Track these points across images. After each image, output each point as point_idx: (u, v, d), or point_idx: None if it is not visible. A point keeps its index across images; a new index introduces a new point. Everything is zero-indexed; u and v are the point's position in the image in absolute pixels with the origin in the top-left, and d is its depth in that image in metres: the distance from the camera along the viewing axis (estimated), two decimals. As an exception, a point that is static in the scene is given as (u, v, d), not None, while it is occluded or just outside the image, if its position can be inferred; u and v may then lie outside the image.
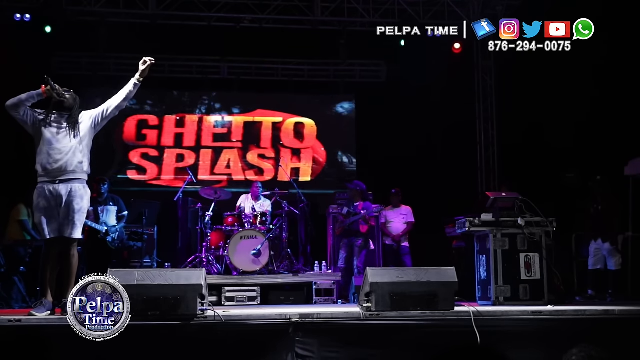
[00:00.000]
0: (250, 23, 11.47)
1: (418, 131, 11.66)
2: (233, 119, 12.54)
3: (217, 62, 12.48)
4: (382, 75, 12.64)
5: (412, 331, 5.30)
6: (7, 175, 10.06)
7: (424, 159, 11.57)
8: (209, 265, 9.21)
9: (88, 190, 5.83)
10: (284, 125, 12.62)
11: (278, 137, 12.53)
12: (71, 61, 11.82)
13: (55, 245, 5.70)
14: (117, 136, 11.93)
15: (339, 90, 12.83)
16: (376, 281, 5.50)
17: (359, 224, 9.28)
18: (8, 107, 5.63)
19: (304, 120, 12.68)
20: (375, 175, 11.72)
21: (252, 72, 12.58)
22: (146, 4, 10.94)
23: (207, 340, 5.08)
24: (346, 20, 11.57)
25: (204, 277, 5.31)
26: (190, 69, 12.43)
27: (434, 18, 11.52)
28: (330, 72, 12.73)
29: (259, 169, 12.39)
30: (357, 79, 12.68)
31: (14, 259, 9.04)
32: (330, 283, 9.13)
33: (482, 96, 12.19)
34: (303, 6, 11.31)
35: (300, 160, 12.55)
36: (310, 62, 12.64)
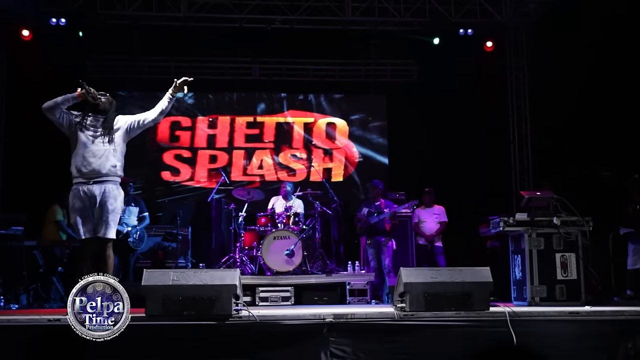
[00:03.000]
0: (281, 24, 11.49)
1: (450, 130, 11.57)
2: (265, 120, 12.59)
3: (248, 64, 12.53)
4: (414, 74, 12.57)
5: (447, 331, 5.26)
6: (42, 176, 10.23)
7: (456, 158, 11.47)
8: (242, 266, 9.25)
9: (121, 191, 5.91)
10: (316, 125, 12.63)
11: (310, 137, 12.54)
12: (106, 64, 11.96)
13: (91, 245, 5.78)
14: (151, 138, 12.05)
15: (370, 90, 12.79)
16: (410, 281, 5.47)
17: (384, 223, 9.26)
18: (44, 110, 5.73)
19: (335, 121, 12.67)
20: (407, 175, 11.69)
21: (284, 73, 12.61)
22: (178, 7, 11.04)
23: (241, 340, 5.11)
24: (377, 20, 11.53)
25: (238, 277, 5.34)
26: (221, 71, 12.50)
27: (465, 17, 11.43)
28: (361, 72, 12.70)
29: (291, 169, 12.41)
30: (388, 79, 12.62)
31: (52, 259, 9.19)
32: (364, 283, 9.11)
33: (515, 95, 12.05)
34: (334, 6, 11.30)
35: (332, 161, 12.55)
36: (341, 63, 12.62)
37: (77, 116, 5.80)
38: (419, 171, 11.48)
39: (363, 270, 9.51)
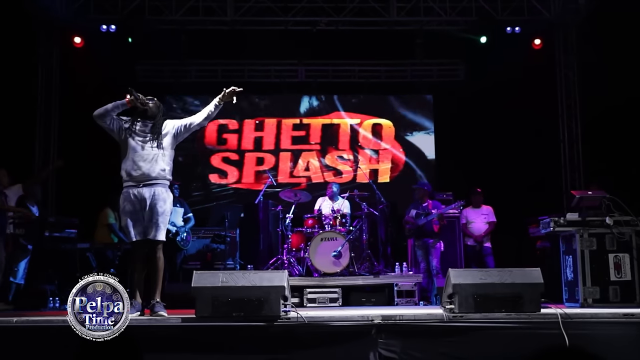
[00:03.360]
0: (326, 26, 11.51)
1: (498, 129, 11.44)
2: (311, 122, 12.63)
3: (294, 66, 12.58)
4: (460, 73, 12.45)
5: (497, 333, 5.20)
6: (94, 181, 10.44)
7: (504, 157, 11.33)
8: (290, 267, 9.30)
9: (170, 194, 5.99)
10: (362, 126, 12.62)
11: (356, 138, 12.53)
12: (154, 69, 12.15)
13: (141, 247, 5.88)
14: (199, 141, 12.20)
15: (416, 90, 12.73)
16: (459, 282, 5.42)
17: (432, 224, 9.20)
18: (95, 117, 5.85)
19: (381, 121, 12.64)
20: (454, 175, 11.59)
21: (329, 74, 12.63)
22: (224, 11, 11.15)
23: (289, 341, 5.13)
24: (422, 20, 11.46)
25: (287, 278, 5.36)
26: (268, 73, 12.58)
27: (512, 14, 11.28)
28: (407, 72, 12.63)
29: (338, 170, 12.42)
30: (435, 79, 12.53)
31: (104, 261, 9.38)
32: (412, 284, 9.06)
33: (564, 92, 11.84)
34: (379, 7, 11.26)
35: (378, 162, 12.52)
36: (386, 63, 12.58)
37: (127, 122, 5.91)
38: (466, 171, 11.36)
39: (411, 271, 9.46)
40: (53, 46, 11.42)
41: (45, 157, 11.26)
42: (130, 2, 10.93)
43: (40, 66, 11.30)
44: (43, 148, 11.27)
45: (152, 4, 11.04)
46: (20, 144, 10.76)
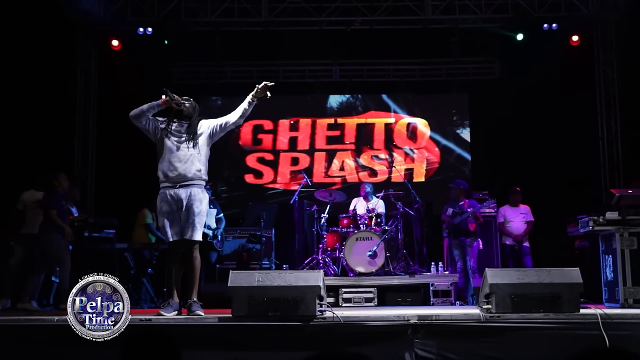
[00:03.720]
0: (361, 25, 11.50)
1: (534, 127, 11.31)
2: (346, 122, 12.62)
3: (328, 66, 12.60)
4: (496, 71, 12.33)
5: (535, 334, 5.14)
6: (132, 181, 10.57)
7: (541, 156, 11.19)
8: (325, 267, 9.31)
9: (206, 194, 6.04)
10: (397, 125, 12.57)
11: (391, 138, 12.49)
12: (190, 70, 12.28)
13: (178, 247, 5.93)
14: (234, 141, 12.28)
15: (451, 88, 12.64)
16: (496, 282, 5.37)
17: (468, 223, 9.13)
18: (131, 118, 5.92)
19: (416, 121, 12.58)
20: (490, 174, 11.50)
21: (364, 74, 12.62)
22: (259, 12, 11.20)
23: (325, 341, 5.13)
24: (457, 18, 11.38)
25: (322, 278, 5.37)
26: (302, 74, 12.62)
27: (549, 11, 11.13)
28: (442, 70, 12.55)
29: (373, 170, 12.40)
30: (470, 77, 12.43)
31: (142, 261, 9.51)
32: (448, 284, 9.01)
33: (603, 90, 11.64)
34: (413, 6, 11.21)
35: (413, 161, 12.46)
36: (421, 62, 12.52)
37: (162, 122, 5.96)
38: (502, 170, 11.26)
39: (447, 271, 9.41)
40: (91, 49, 11.62)
41: (84, 157, 11.44)
42: (166, 4, 11.05)
43: (79, 69, 11.50)
44: (82, 149, 11.46)
45: (188, 6, 11.15)
46: (60, 146, 10.95)
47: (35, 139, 10.04)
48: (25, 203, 8.43)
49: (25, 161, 9.28)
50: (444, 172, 12.29)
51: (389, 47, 12.00)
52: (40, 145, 10.05)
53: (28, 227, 8.34)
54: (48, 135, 10.37)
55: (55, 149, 10.64)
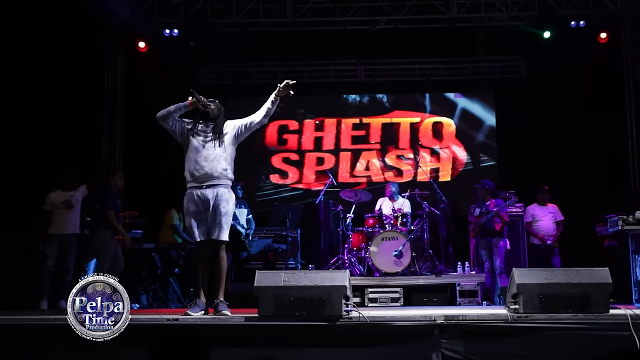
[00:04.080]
0: (386, 24, 11.47)
1: (562, 126, 11.18)
2: (371, 121, 12.60)
3: (353, 65, 12.60)
4: (522, 70, 12.23)
5: (563, 334, 5.08)
6: (160, 182, 10.65)
7: (568, 154, 11.07)
8: (351, 267, 9.31)
9: (233, 194, 6.06)
10: (422, 125, 12.52)
11: (416, 137, 12.44)
12: (215, 71, 12.34)
13: (205, 247, 5.97)
14: (260, 142, 12.32)
15: (477, 87, 12.56)
16: (523, 282, 5.32)
17: (494, 222, 9.07)
18: (158, 118, 5.97)
19: (442, 120, 12.52)
20: (517, 173, 11.40)
21: (389, 73, 12.58)
22: (284, 12, 11.22)
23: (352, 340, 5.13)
24: (483, 16, 11.31)
25: (348, 278, 5.36)
26: (327, 74, 12.62)
27: (577, 8, 11.01)
28: (468, 69, 12.48)
29: (398, 169, 12.37)
30: (496, 75, 12.34)
31: (169, 261, 9.57)
32: (474, 284, 8.95)
33: (632, 88, 11.48)
34: (438, 4, 11.16)
35: (439, 160, 12.40)
36: (446, 61, 12.47)
37: (189, 123, 6.01)
38: (529, 169, 11.16)
39: (473, 271, 9.36)
40: (119, 51, 11.73)
41: (111, 158, 11.55)
42: (192, 6, 11.12)
43: (107, 70, 11.61)
44: (109, 150, 11.57)
45: (214, 8, 11.21)
46: (88, 147, 11.06)
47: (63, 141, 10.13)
48: (52, 203, 8.48)
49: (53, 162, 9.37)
50: (470, 171, 12.22)
51: (414, 46, 11.96)
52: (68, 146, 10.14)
53: (57, 228, 8.42)
54: (75, 136, 10.47)
55: (83, 150, 10.74)
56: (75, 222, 8.52)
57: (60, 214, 8.43)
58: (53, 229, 8.41)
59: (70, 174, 8.65)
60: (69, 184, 8.58)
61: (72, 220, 8.50)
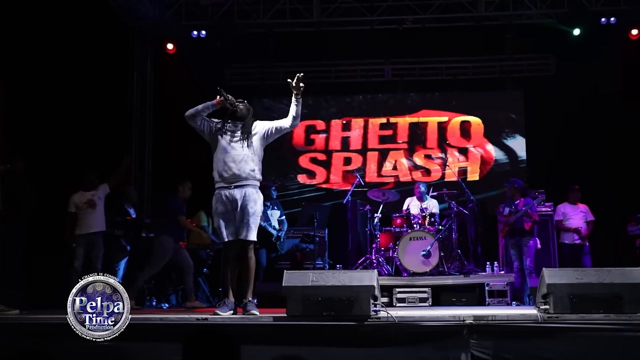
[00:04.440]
0: (413, 24, 11.44)
1: (592, 125, 11.04)
2: (398, 121, 12.56)
3: (380, 65, 12.57)
4: (551, 68, 12.10)
5: (595, 335, 5.01)
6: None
7: (598, 153, 10.94)
8: (379, 267, 9.29)
9: (261, 194, 6.07)
10: (450, 124, 12.45)
11: (444, 136, 12.38)
12: (242, 72, 12.40)
13: (233, 247, 5.99)
14: (287, 142, 12.34)
15: (505, 86, 12.46)
16: (554, 282, 5.26)
17: (523, 222, 8.99)
18: (187, 117, 6.01)
19: (470, 119, 12.44)
20: (546, 172, 11.29)
21: (416, 72, 12.53)
22: (311, 13, 11.24)
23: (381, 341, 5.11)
24: (512, 14, 11.21)
25: (376, 278, 5.35)
26: (354, 73, 12.61)
27: (607, 4, 10.86)
28: (496, 67, 12.38)
29: (426, 169, 12.31)
30: (525, 74, 12.23)
31: (198, 261, 9.63)
32: (504, 284, 8.88)
33: (666, 84, 11.30)
34: (466, 3, 11.09)
35: (467, 160, 12.32)
36: (474, 59, 12.39)
37: (217, 123, 6.04)
38: (558, 168, 11.03)
39: (502, 270, 9.29)
40: (147, 52, 11.86)
41: (141, 160, 11.67)
42: (219, 7, 11.19)
43: (136, 72, 11.74)
44: (139, 150, 11.69)
45: (241, 9, 11.27)
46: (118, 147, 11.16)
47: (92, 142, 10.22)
48: (76, 205, 8.53)
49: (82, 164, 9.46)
50: (498, 170, 12.12)
51: (441, 45, 11.89)
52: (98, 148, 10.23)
53: (83, 228, 8.48)
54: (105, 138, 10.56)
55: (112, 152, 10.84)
56: (100, 221, 8.59)
57: (84, 214, 8.50)
58: (79, 229, 8.48)
59: (89, 173, 8.72)
60: (89, 183, 8.65)
61: (97, 219, 8.57)
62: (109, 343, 4.66)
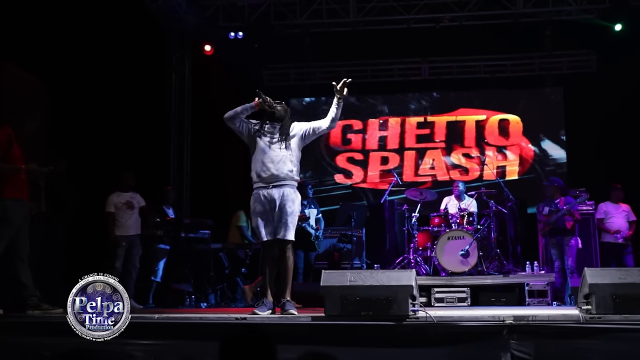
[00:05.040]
0: (450, 21, 11.35)
1: (634, 122, 10.84)
2: (435, 119, 12.49)
3: (417, 64, 12.53)
4: (592, 64, 11.93)
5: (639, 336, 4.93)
6: (227, 183, 10.81)
7: (639, 151, 10.75)
8: (417, 266, 9.25)
9: (299, 194, 6.08)
10: (488, 122, 12.34)
11: (482, 135, 12.28)
12: (279, 73, 12.47)
13: (271, 247, 6.01)
14: (324, 142, 12.37)
15: (545, 83, 12.31)
16: (596, 282, 5.17)
17: (565, 221, 8.86)
18: (226, 119, 6.05)
19: (508, 117, 12.31)
20: (587, 171, 11.10)
21: (453, 70, 12.46)
22: (347, 12, 11.22)
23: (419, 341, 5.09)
24: (551, 10, 11.05)
25: (414, 278, 5.32)
26: (391, 72, 12.59)
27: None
28: (535, 65, 12.25)
29: (464, 168, 12.22)
30: (565, 71, 12.07)
31: (236, 261, 9.71)
32: (544, 284, 8.75)
33: None
34: (504, 0, 10.98)
35: (506, 158, 12.20)
36: (512, 57, 12.27)
37: (256, 125, 6.07)
38: (600, 166, 10.85)
39: (542, 270, 9.16)
40: (185, 54, 11.98)
41: (179, 161, 11.80)
42: (256, 8, 11.25)
43: (174, 74, 11.87)
44: (177, 153, 11.82)
45: (277, 10, 11.31)
46: (156, 150, 11.31)
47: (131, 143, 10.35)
48: (115, 205, 8.58)
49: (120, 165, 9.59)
50: (538, 168, 11.99)
51: (479, 43, 11.81)
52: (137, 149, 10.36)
53: (122, 229, 8.53)
54: (144, 139, 10.70)
55: (152, 153, 10.99)
56: (137, 224, 8.65)
57: (123, 215, 8.56)
58: (118, 230, 8.54)
59: (126, 174, 8.77)
60: (126, 184, 8.72)
61: (135, 221, 8.64)
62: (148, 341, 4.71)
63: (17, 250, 6.04)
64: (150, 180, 9.72)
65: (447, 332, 5.06)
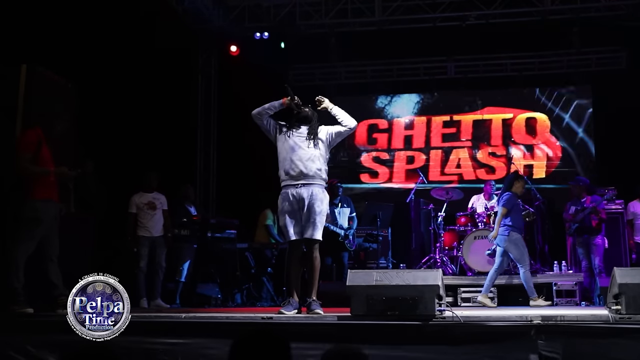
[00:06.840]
0: (476, 20, 11.27)
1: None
2: (462, 118, 12.42)
3: (443, 62, 12.46)
4: (622, 61, 11.77)
5: (670, 337, 4.86)
6: (253, 182, 10.85)
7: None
8: (443, 266, 9.21)
9: (327, 194, 6.07)
10: (515, 121, 12.24)
11: (509, 133, 12.18)
12: (305, 72, 12.48)
13: (299, 246, 6.00)
14: (350, 141, 12.36)
15: (573, 81, 12.17)
16: (626, 282, 5.11)
17: (591, 219, 8.75)
18: (253, 116, 6.06)
19: (535, 115, 12.20)
20: (616, 169, 10.95)
21: (480, 69, 12.37)
22: (372, 12, 11.20)
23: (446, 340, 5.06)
24: (579, 7, 10.91)
25: (441, 277, 5.30)
26: (417, 71, 12.54)
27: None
28: (563, 62, 12.11)
29: (490, 167, 12.14)
30: (593, 68, 11.92)
31: (262, 260, 9.72)
32: (572, 284, 8.67)
33: None
34: (531, -3, 10.89)
35: (533, 157, 12.09)
36: (540, 54, 12.14)
37: (284, 124, 6.08)
38: (630, 164, 10.69)
39: (570, 270, 9.07)
40: (211, 55, 12.06)
41: (206, 160, 11.87)
42: (282, 9, 11.27)
43: (201, 74, 11.95)
44: (204, 152, 11.89)
45: (303, 10, 11.32)
46: (183, 149, 11.38)
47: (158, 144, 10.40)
48: (137, 205, 8.55)
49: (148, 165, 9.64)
50: (566, 167, 11.85)
51: (505, 41, 11.71)
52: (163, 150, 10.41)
53: (145, 230, 8.48)
54: (171, 140, 10.75)
55: (178, 152, 11.05)
56: (160, 225, 8.58)
57: (146, 216, 8.51)
58: (141, 231, 8.49)
59: (150, 175, 8.73)
60: (149, 185, 8.69)
61: (158, 222, 8.58)
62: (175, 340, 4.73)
63: (47, 251, 6.12)
64: (177, 180, 9.76)
65: (474, 332, 5.03)
